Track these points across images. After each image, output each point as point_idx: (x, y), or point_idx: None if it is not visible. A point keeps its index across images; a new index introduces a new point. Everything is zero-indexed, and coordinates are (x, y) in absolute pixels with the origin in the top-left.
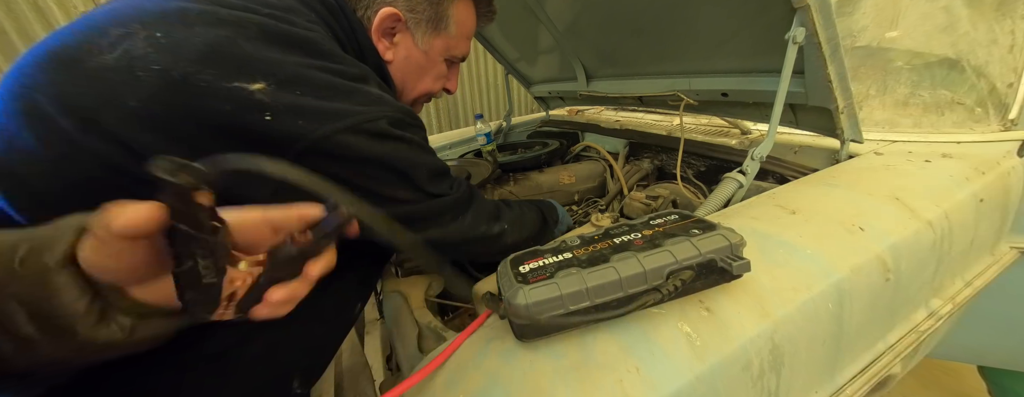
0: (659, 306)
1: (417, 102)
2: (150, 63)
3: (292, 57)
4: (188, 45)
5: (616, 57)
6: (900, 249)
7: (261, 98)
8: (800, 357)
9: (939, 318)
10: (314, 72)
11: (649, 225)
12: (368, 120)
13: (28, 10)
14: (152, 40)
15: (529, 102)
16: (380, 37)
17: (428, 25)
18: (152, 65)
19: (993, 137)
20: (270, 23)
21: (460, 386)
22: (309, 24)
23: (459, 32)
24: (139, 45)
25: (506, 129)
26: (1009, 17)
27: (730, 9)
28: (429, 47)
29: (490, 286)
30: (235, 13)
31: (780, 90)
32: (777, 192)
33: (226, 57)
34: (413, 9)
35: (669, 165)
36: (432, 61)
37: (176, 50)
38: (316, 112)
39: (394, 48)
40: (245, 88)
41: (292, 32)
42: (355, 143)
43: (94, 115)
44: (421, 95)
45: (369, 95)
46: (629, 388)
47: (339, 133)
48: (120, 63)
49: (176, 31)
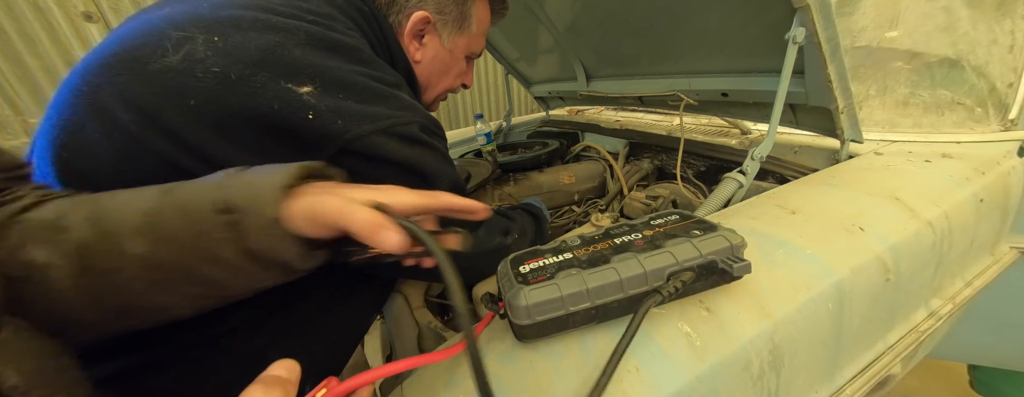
0: (660, 306)
1: (436, 100)
2: (210, 65)
3: (336, 62)
4: (244, 49)
5: (616, 57)
6: (900, 249)
7: (308, 99)
8: (800, 357)
9: (939, 318)
10: (355, 77)
11: (649, 225)
12: (401, 123)
13: (28, 10)
14: (211, 44)
15: (529, 102)
16: (411, 40)
17: (454, 25)
18: (212, 68)
19: (993, 137)
20: (315, 30)
21: (460, 386)
22: (348, 31)
23: (479, 30)
24: (199, 49)
25: (506, 129)
26: (1009, 17)
27: (730, 9)
28: (454, 46)
29: (490, 287)
30: (284, 20)
31: (780, 90)
32: (777, 192)
33: (278, 61)
34: (442, 11)
35: (669, 165)
36: (456, 59)
37: (233, 53)
38: (354, 114)
39: (423, 49)
40: (294, 90)
41: (336, 39)
42: (386, 144)
43: (156, 112)
44: (442, 92)
45: (403, 101)
46: (629, 388)
47: (372, 134)
48: (182, 65)
49: (232, 36)
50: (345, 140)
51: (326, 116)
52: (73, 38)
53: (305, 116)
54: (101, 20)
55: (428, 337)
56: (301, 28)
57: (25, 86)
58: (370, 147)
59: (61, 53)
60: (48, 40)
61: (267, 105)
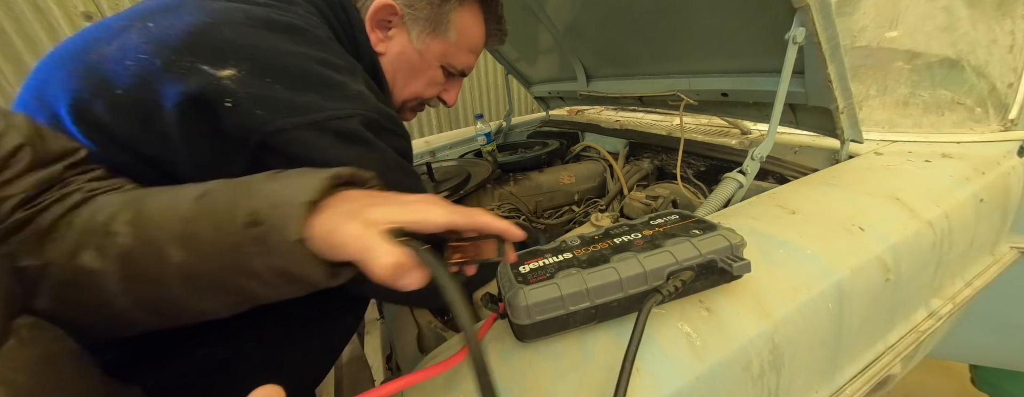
0: (659, 306)
1: (407, 106)
2: (139, 52)
3: (272, 42)
4: (171, 32)
5: (616, 57)
6: (900, 249)
7: (227, 84)
8: (800, 357)
9: (939, 318)
10: (292, 59)
11: (649, 225)
12: (336, 117)
13: (28, 10)
14: (143, 30)
15: (529, 102)
16: (373, 27)
17: (426, 24)
18: (140, 54)
19: (993, 137)
20: (259, 11)
21: (460, 387)
22: (306, 15)
23: (461, 42)
24: (132, 36)
25: (506, 129)
26: (1009, 17)
27: (730, 9)
28: (425, 48)
29: (490, 287)
30: (227, 3)
31: (780, 90)
32: (777, 192)
33: (204, 43)
34: (412, 5)
35: (669, 165)
36: (426, 63)
37: (161, 38)
38: (279, 102)
39: (387, 41)
40: (214, 74)
41: (280, 19)
42: (314, 141)
43: (87, 106)
44: (412, 98)
45: (347, 90)
46: (629, 388)
47: (298, 128)
48: (116, 54)
49: (164, 20)
50: (263, 133)
51: (245, 104)
52: None
53: (222, 104)
54: (101, 20)
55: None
56: (241, 9)
57: None
58: (292, 143)
59: None
60: (48, 40)
61: (186, 92)
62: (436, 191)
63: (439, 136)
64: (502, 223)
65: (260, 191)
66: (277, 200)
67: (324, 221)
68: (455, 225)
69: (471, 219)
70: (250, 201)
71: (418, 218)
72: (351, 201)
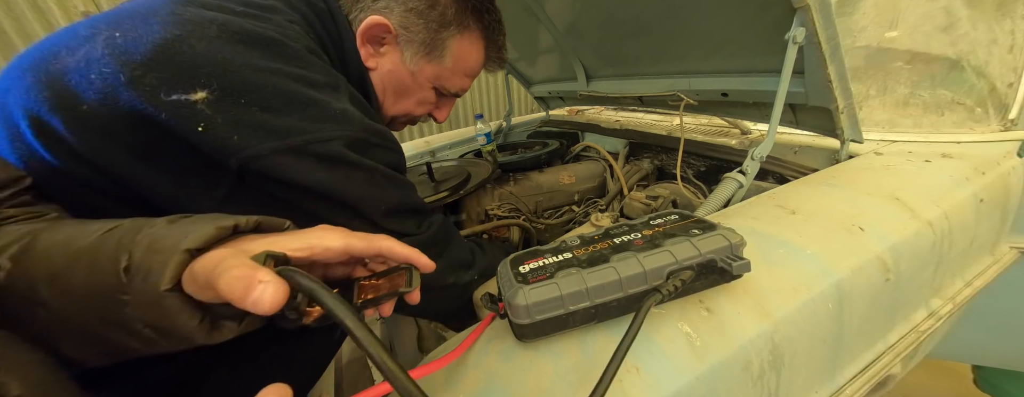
0: (659, 306)
1: (397, 121)
2: (102, 66)
3: (246, 58)
4: (137, 46)
5: (616, 57)
6: (900, 249)
7: (201, 108)
8: (800, 357)
9: (939, 318)
10: (270, 76)
11: (649, 225)
12: (318, 140)
13: (28, 10)
14: (109, 41)
15: (529, 102)
16: (364, 42)
17: (421, 47)
18: (104, 68)
19: (993, 137)
20: (235, 21)
21: (460, 386)
22: (287, 23)
23: (456, 66)
24: (98, 47)
25: (506, 129)
26: (1009, 17)
27: (730, 9)
28: (417, 69)
29: (490, 287)
30: (201, 12)
31: (780, 90)
32: (777, 192)
33: (173, 59)
34: (407, 27)
35: (669, 165)
36: (418, 84)
37: (127, 52)
38: (256, 127)
39: (378, 57)
40: (184, 99)
41: (255, 31)
42: (293, 166)
43: (48, 119)
44: (401, 114)
45: (329, 109)
46: (629, 388)
47: (277, 153)
48: (79, 65)
49: (132, 31)
50: (239, 160)
51: (220, 129)
52: None
53: (195, 129)
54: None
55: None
56: (216, 20)
57: None
58: (273, 169)
59: None
60: None
61: (156, 115)
62: (435, 191)
63: (439, 136)
64: (408, 250)
65: (148, 235)
66: (158, 246)
67: (202, 264)
68: (353, 249)
69: (372, 244)
70: (134, 245)
71: (307, 244)
72: (251, 244)
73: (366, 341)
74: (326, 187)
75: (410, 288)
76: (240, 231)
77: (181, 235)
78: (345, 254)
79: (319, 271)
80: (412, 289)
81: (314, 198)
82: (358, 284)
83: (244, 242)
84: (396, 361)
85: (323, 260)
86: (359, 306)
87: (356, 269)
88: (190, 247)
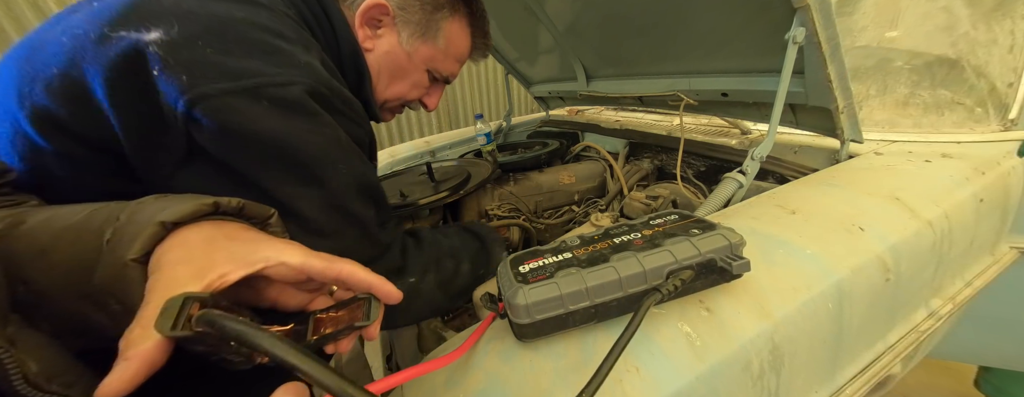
0: (659, 306)
1: (387, 106)
2: (75, 29)
3: (214, 8)
4: (111, 5)
5: (616, 57)
6: (900, 249)
7: (155, 50)
8: (800, 357)
9: (939, 318)
10: (234, 23)
11: (649, 225)
12: (275, 83)
13: (28, 10)
14: (87, 9)
15: (529, 102)
16: (363, 24)
17: (416, 28)
18: (76, 30)
19: (993, 137)
20: None
21: (460, 386)
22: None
23: (448, 50)
24: (76, 17)
25: (506, 129)
26: (1009, 17)
27: (730, 9)
28: (413, 50)
29: (490, 287)
30: None
31: (780, 90)
32: (777, 192)
33: (142, 12)
34: (404, 7)
35: (669, 165)
36: (413, 65)
37: (99, 13)
38: (209, 67)
39: (376, 39)
40: (138, 38)
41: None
42: (244, 110)
43: (29, 90)
44: (395, 98)
45: (294, 58)
46: (629, 388)
47: (227, 94)
48: (56, 36)
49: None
50: (186, 100)
51: (172, 69)
52: None
53: (150, 73)
54: None
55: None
56: None
57: None
58: (220, 111)
59: None
60: None
61: (116, 63)
62: (435, 191)
63: (439, 136)
64: (371, 276)
65: (133, 209)
66: (136, 218)
67: (161, 251)
68: (311, 269)
69: (333, 266)
70: (119, 220)
71: (262, 256)
72: (221, 233)
73: (324, 378)
74: (280, 137)
75: (367, 321)
76: (223, 211)
77: (161, 208)
78: (301, 273)
79: (272, 295)
80: (369, 323)
81: (261, 151)
82: (314, 318)
83: (223, 226)
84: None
85: (279, 278)
86: (313, 343)
87: (316, 299)
88: (166, 220)
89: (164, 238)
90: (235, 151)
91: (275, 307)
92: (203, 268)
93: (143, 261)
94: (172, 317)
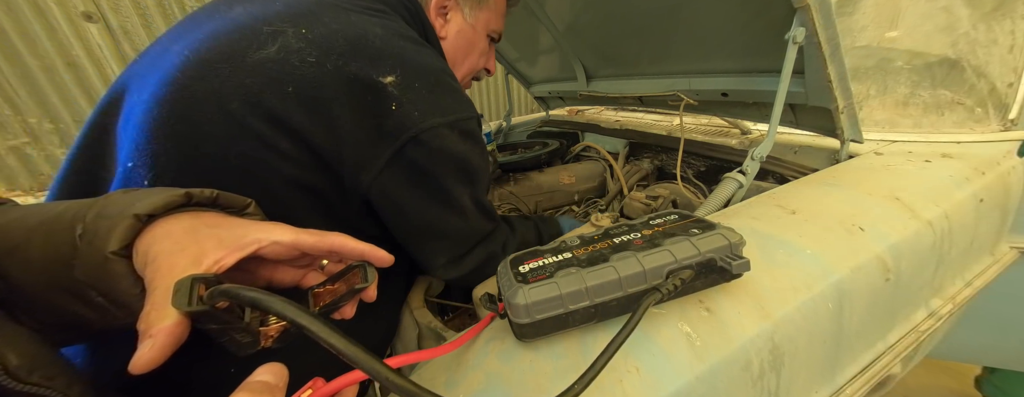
0: (659, 306)
1: (463, 84)
2: (305, 55)
3: (411, 53)
4: (333, 41)
5: (616, 57)
6: (900, 249)
7: (392, 90)
8: (800, 357)
9: (939, 318)
10: (429, 69)
11: (649, 225)
12: (464, 118)
13: (28, 9)
14: (300, 36)
15: (529, 102)
16: (436, 17)
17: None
18: (307, 57)
19: (993, 137)
20: (390, 25)
21: (460, 386)
22: (402, 23)
23: (497, 6)
24: (291, 41)
25: (506, 129)
26: (1009, 17)
27: (730, 9)
28: (475, 21)
29: (489, 287)
30: (360, 17)
31: (780, 90)
32: (777, 192)
33: (365, 50)
34: None
35: (669, 165)
36: (479, 35)
37: (324, 45)
38: (429, 104)
39: (447, 25)
40: (380, 81)
41: (400, 30)
42: (449, 137)
43: (258, 98)
44: (468, 73)
45: (463, 96)
46: (629, 388)
47: (441, 126)
48: (278, 56)
49: (317, 28)
50: (419, 129)
51: (407, 106)
52: (73, 38)
53: (389, 107)
54: (101, 20)
55: (428, 337)
56: (371, 21)
57: (25, 86)
58: (436, 138)
59: (61, 53)
60: (48, 40)
61: (361, 94)
62: None
63: None
64: (362, 245)
65: (101, 204)
66: (107, 212)
67: (145, 241)
68: (303, 244)
69: (324, 239)
70: (87, 214)
71: (254, 237)
72: (202, 222)
73: (332, 339)
74: (465, 156)
75: (366, 283)
76: (196, 202)
77: (131, 202)
78: (294, 249)
79: (265, 274)
80: (368, 284)
81: (455, 164)
82: (311, 293)
83: (201, 216)
84: (373, 355)
85: (272, 257)
86: (320, 312)
87: (308, 276)
88: (140, 212)
89: (141, 231)
90: (438, 163)
91: (270, 285)
92: (197, 256)
93: (124, 254)
94: (186, 295)
